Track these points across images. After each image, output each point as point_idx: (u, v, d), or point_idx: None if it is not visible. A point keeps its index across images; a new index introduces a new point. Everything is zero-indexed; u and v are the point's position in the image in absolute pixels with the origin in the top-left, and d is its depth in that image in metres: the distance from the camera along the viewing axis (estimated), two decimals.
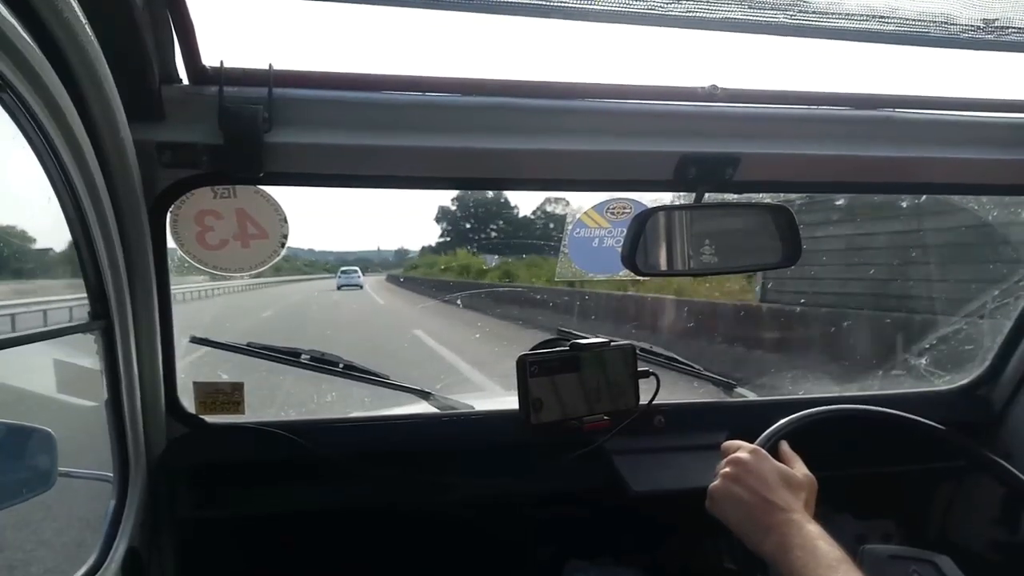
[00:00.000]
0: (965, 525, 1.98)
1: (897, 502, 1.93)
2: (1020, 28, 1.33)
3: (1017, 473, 1.60)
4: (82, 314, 1.24)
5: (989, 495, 1.86)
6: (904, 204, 7.62)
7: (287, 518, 1.70)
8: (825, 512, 1.28)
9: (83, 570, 1.21)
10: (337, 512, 1.71)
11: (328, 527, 1.74)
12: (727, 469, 1.34)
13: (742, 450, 1.37)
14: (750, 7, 1.23)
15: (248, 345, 1.77)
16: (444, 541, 1.81)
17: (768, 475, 1.30)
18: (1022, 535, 1.83)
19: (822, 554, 1.14)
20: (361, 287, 21.72)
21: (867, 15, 1.27)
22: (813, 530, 1.19)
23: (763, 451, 1.37)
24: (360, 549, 1.78)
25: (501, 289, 12.85)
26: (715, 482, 1.35)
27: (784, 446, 1.45)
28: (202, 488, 1.58)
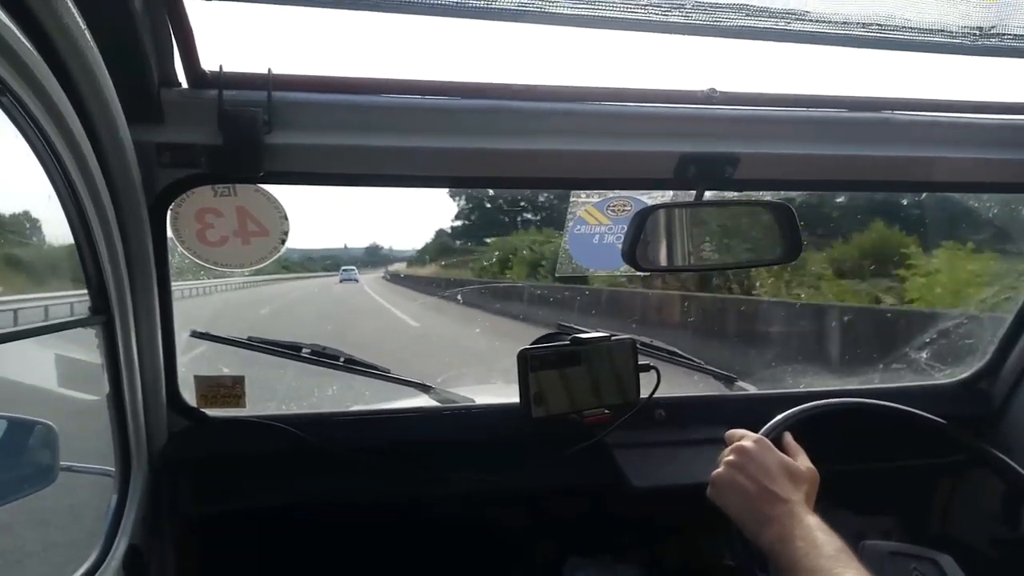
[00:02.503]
0: (965, 521, 1.98)
1: (897, 498, 1.93)
2: (1015, 34, 1.33)
3: (1017, 468, 1.61)
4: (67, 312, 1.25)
5: (989, 490, 1.86)
6: None
7: (288, 511, 1.70)
8: (825, 507, 1.29)
9: (84, 567, 1.22)
10: (337, 505, 1.72)
11: (329, 520, 1.75)
12: (731, 457, 1.34)
13: (746, 439, 1.37)
14: (747, 15, 1.23)
15: (249, 339, 1.77)
16: (445, 535, 1.82)
17: (771, 465, 1.30)
18: (1022, 531, 1.84)
19: (822, 544, 1.15)
20: (357, 281, 24.45)
21: (864, 22, 1.27)
22: (813, 521, 1.20)
23: (767, 441, 1.37)
24: (361, 542, 1.79)
25: None
26: (718, 469, 1.35)
27: (788, 438, 1.45)
28: (203, 482, 1.58)
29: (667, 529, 1.87)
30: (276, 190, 1.46)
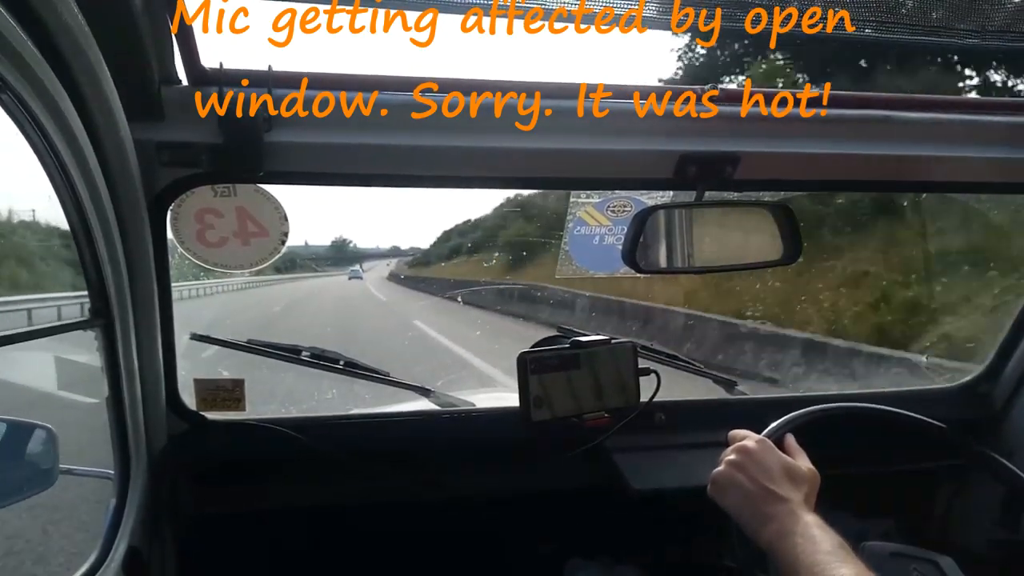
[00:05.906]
0: (965, 524, 1.98)
1: (897, 501, 1.93)
2: (1018, 32, 1.33)
3: (1018, 472, 1.61)
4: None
5: (990, 494, 1.86)
6: None
7: (288, 515, 1.70)
8: (825, 510, 1.29)
9: (84, 568, 1.21)
10: (337, 509, 1.72)
11: (329, 524, 1.74)
12: (732, 456, 1.35)
13: (749, 439, 1.38)
14: (747, 12, 1.23)
15: (248, 342, 1.77)
16: (445, 538, 1.81)
17: (772, 465, 1.31)
18: (1022, 534, 1.83)
19: (820, 540, 1.16)
20: (362, 279, 27.07)
21: (867, 20, 1.27)
22: (811, 519, 1.21)
23: (769, 442, 1.38)
24: (361, 545, 1.79)
25: None
26: (719, 468, 1.36)
27: (790, 439, 1.46)
28: (203, 485, 1.58)
29: (667, 532, 1.87)
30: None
